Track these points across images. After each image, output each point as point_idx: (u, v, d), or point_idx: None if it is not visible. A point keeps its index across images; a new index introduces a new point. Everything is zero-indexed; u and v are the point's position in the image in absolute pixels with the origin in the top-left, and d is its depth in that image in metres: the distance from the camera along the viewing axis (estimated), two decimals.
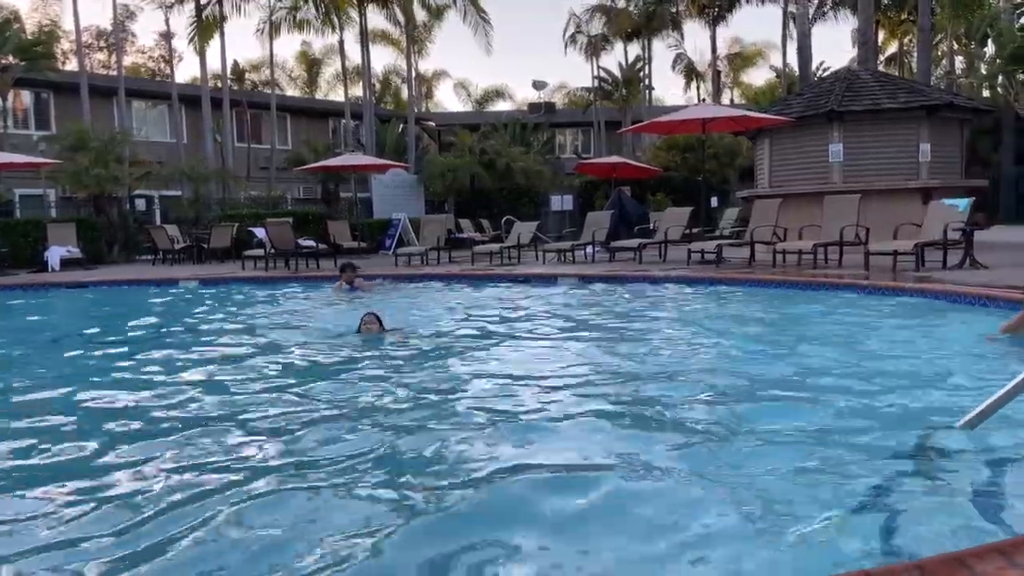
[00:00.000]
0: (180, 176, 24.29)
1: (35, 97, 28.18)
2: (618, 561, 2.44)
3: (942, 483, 3.00)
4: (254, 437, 3.88)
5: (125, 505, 2.97)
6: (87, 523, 2.81)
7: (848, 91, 14.92)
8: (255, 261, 16.05)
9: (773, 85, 42.98)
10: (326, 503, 2.92)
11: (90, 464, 3.51)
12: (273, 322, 8.72)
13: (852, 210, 11.69)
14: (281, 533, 2.66)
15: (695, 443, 3.59)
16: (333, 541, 2.55)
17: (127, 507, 2.94)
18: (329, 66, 40.27)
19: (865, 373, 4.90)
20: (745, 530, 2.59)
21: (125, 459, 3.56)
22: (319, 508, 2.88)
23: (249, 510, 2.86)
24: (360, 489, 3.07)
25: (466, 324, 7.89)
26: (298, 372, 5.65)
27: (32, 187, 24.07)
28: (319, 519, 2.78)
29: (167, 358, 6.33)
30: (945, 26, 33.03)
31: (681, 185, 25.42)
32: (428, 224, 17.84)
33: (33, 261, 17.28)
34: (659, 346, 6.28)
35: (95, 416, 4.44)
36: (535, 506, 2.85)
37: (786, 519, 2.64)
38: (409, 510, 2.84)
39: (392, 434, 3.79)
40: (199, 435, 3.89)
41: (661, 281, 10.79)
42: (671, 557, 2.46)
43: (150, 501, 2.98)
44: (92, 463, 3.53)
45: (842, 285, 9.08)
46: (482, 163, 25.61)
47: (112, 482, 3.25)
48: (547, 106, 40.73)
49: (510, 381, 5.06)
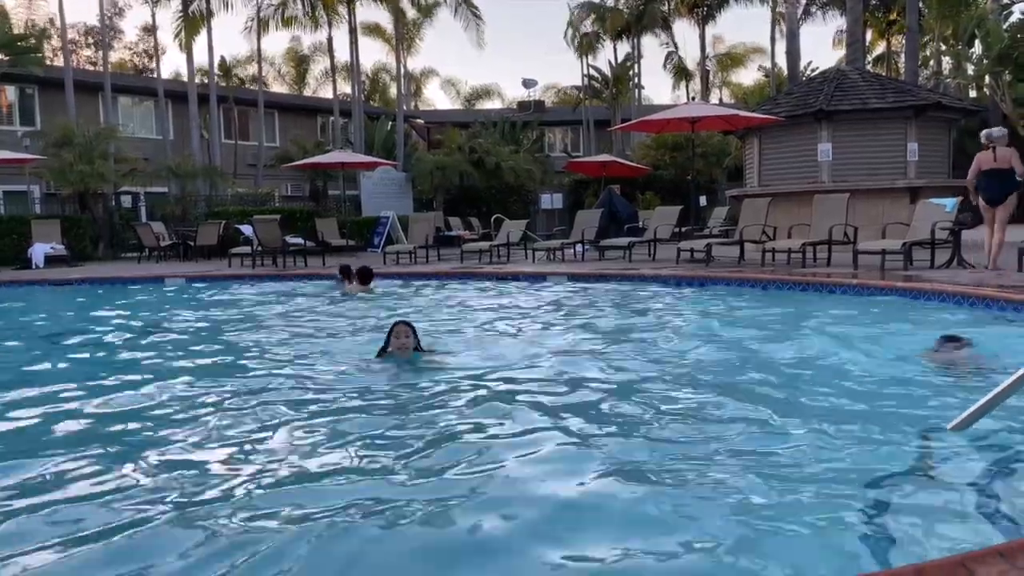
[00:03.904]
0: (166, 173, 24.09)
1: (19, 92, 27.87)
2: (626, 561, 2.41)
3: (936, 485, 2.98)
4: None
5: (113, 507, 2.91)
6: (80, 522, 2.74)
7: (837, 91, 14.96)
8: (242, 259, 15.93)
9: (762, 85, 43.10)
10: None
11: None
12: (278, 333, 8.63)
13: (841, 209, 11.71)
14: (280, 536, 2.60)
15: (697, 441, 3.56)
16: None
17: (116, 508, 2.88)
18: (318, 63, 40.10)
19: (854, 372, 4.89)
20: (739, 533, 2.56)
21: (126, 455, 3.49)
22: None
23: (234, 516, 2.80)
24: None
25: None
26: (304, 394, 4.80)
27: (16, 183, 23.80)
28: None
29: (147, 359, 6.24)
30: (933, 27, 33.20)
31: (670, 184, 25.45)
32: (417, 222, 17.76)
33: (17, 258, 17.09)
34: (681, 348, 6.10)
35: (66, 416, 4.36)
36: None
37: (778, 523, 2.60)
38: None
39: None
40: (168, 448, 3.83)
41: (652, 280, 10.78)
42: (673, 556, 2.42)
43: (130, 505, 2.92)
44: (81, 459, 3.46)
45: (831, 284, 9.09)
46: (471, 161, 25.54)
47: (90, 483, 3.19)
48: (536, 104, 40.68)
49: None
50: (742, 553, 2.41)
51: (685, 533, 2.58)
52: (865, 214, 12.19)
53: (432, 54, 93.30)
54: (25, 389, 5.00)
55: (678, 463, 3.27)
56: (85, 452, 3.61)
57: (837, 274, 9.87)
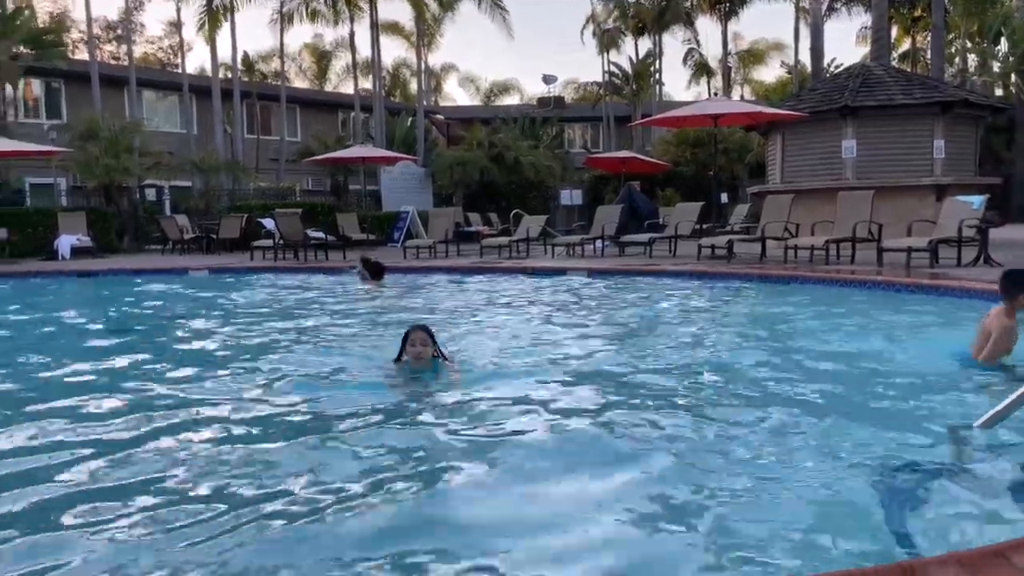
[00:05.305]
0: (190, 167, 24.31)
1: (46, 86, 28.24)
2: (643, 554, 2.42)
3: (962, 483, 2.96)
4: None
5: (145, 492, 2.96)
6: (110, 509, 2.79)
7: (862, 86, 14.81)
8: (264, 252, 16.05)
9: (784, 82, 42.73)
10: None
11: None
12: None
13: (865, 206, 11.60)
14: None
15: (721, 436, 3.55)
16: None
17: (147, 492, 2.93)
18: (339, 59, 40.27)
19: (881, 370, 4.85)
20: (757, 527, 2.56)
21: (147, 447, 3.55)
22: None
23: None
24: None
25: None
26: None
27: (43, 176, 24.11)
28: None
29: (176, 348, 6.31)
30: (958, 24, 32.78)
31: (691, 180, 25.32)
32: (436, 217, 17.79)
33: (43, 250, 17.32)
34: (707, 346, 5.98)
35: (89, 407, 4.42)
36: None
37: (801, 519, 2.60)
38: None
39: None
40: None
41: (673, 275, 10.74)
42: (701, 549, 2.43)
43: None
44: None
45: (855, 281, 9.01)
46: (491, 157, 25.55)
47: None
48: (556, 100, 40.59)
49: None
50: (763, 544, 2.42)
51: (709, 523, 2.59)
52: (890, 212, 12.07)
53: (451, 50, 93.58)
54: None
55: (707, 454, 3.28)
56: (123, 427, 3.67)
57: (861, 271, 9.78)
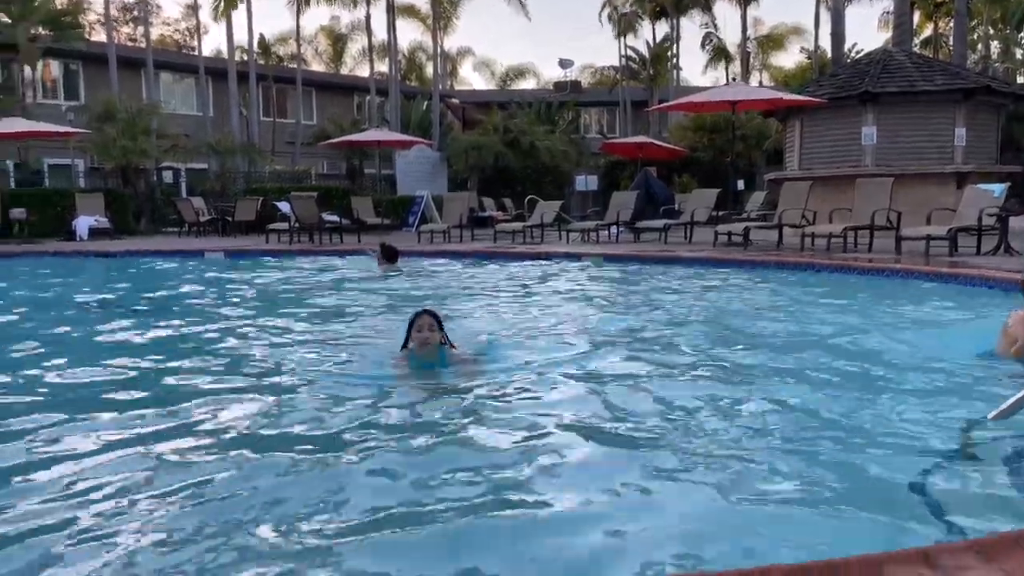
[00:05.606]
0: (206, 149, 24.41)
1: (64, 67, 28.38)
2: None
3: (979, 472, 2.94)
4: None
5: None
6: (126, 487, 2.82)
7: (883, 72, 14.62)
8: (279, 235, 16.11)
9: (804, 68, 42.25)
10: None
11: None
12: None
13: (884, 194, 11.48)
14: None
15: (745, 425, 3.54)
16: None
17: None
18: (355, 41, 40.16)
19: (899, 361, 4.80)
20: (779, 508, 2.56)
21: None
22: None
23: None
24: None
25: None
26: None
27: (61, 157, 24.29)
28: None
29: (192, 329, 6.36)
30: (981, 10, 32.27)
31: (708, 167, 25.14)
32: (451, 202, 17.79)
33: (62, 230, 17.47)
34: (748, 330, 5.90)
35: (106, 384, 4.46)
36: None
37: (820, 504, 2.60)
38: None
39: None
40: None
41: (689, 262, 10.69)
42: (739, 528, 2.44)
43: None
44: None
45: (873, 269, 8.93)
46: (506, 142, 25.47)
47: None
48: (573, 85, 40.34)
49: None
50: (785, 532, 2.43)
51: (735, 506, 2.59)
52: (909, 199, 11.94)
53: (465, 34, 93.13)
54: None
55: (723, 439, 3.27)
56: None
57: (879, 259, 9.70)
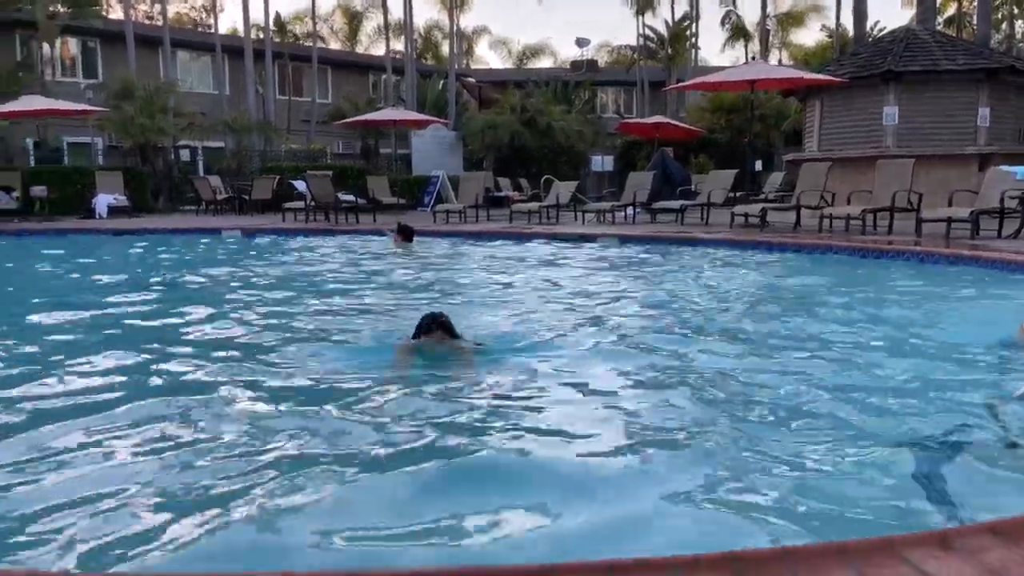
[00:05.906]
0: (223, 128, 24.45)
1: (82, 45, 28.45)
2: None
3: (998, 453, 2.93)
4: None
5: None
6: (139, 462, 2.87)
7: (906, 51, 14.38)
8: (295, 213, 16.18)
9: (824, 46, 41.59)
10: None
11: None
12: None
13: (905, 175, 11.34)
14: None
15: (763, 405, 3.55)
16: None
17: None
18: (371, 19, 39.90)
19: (920, 343, 4.78)
20: (799, 492, 2.57)
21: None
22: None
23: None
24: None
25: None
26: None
27: (80, 135, 24.42)
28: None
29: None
30: None
31: (725, 147, 24.90)
32: (467, 182, 17.76)
33: (81, 208, 17.62)
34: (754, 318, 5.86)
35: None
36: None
37: (840, 487, 2.61)
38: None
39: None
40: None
41: (706, 243, 10.65)
42: (736, 514, 2.45)
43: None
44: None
45: (892, 251, 8.86)
46: (522, 121, 25.31)
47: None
48: (590, 64, 39.99)
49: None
50: (816, 508, 2.45)
51: (752, 489, 2.60)
52: (931, 181, 11.78)
53: (483, 13, 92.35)
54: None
55: (735, 420, 3.28)
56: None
57: (899, 241, 9.61)
